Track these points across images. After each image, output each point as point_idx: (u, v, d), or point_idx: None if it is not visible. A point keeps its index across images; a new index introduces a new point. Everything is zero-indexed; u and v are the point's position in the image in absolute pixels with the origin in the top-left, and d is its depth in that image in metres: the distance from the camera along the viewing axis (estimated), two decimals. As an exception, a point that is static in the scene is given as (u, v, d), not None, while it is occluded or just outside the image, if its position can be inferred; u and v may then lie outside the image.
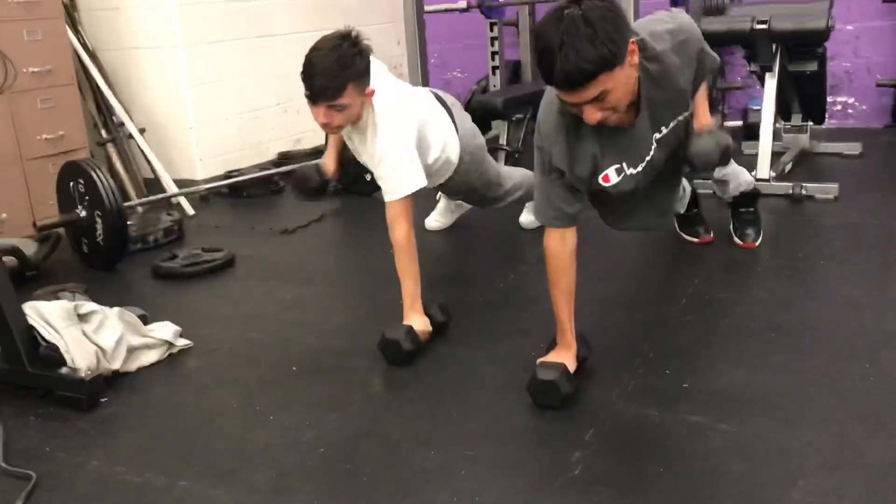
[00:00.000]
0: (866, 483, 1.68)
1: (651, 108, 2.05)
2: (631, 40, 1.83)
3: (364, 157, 2.68)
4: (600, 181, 2.13)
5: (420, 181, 2.52)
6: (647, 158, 2.15)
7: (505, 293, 2.89)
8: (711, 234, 3.14)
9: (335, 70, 2.29)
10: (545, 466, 1.83)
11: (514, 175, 3.28)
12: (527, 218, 3.50)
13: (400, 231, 2.48)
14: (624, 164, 2.13)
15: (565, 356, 2.13)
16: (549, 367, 2.07)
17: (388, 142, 2.47)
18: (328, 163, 2.92)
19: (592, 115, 1.86)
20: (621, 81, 1.83)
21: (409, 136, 2.54)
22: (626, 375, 2.19)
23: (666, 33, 2.07)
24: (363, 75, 2.37)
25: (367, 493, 1.78)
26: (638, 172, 2.16)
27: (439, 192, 3.44)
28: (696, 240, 3.15)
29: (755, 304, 2.58)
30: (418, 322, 2.41)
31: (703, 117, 2.32)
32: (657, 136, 2.13)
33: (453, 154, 2.85)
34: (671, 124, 2.15)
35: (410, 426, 2.04)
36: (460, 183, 3.00)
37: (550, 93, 2.03)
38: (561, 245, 2.14)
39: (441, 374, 2.32)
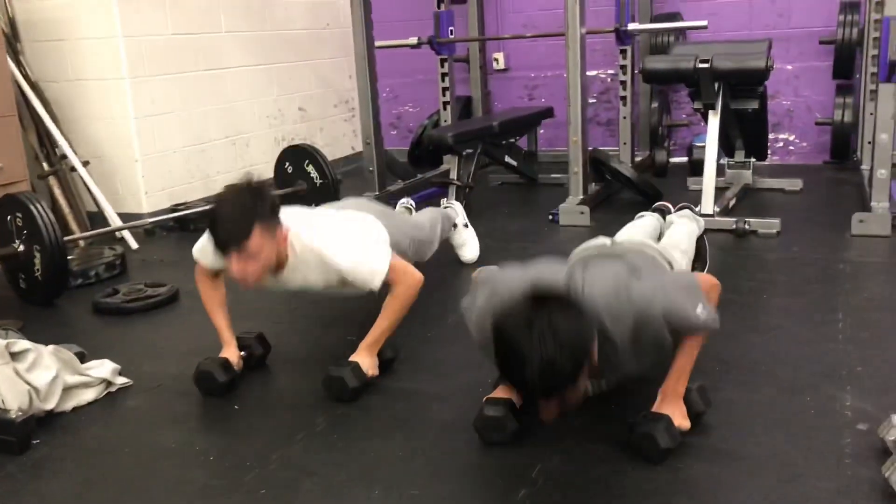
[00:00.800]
0: (809, 517, 1.69)
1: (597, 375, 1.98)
2: (593, 338, 1.81)
3: (295, 284, 2.46)
4: None
5: (386, 252, 2.44)
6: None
7: (453, 328, 2.87)
8: None
9: (238, 214, 2.16)
10: (491, 505, 1.80)
11: (424, 222, 3.23)
12: (464, 252, 3.52)
13: (412, 279, 2.44)
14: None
15: (510, 391, 2.11)
16: (495, 403, 2.05)
17: (335, 248, 2.36)
18: (230, 354, 2.50)
19: (549, 413, 1.82)
20: (582, 383, 1.81)
21: (356, 237, 2.48)
22: (576, 412, 2.18)
23: (628, 315, 1.91)
24: (269, 217, 2.22)
25: (308, 535, 1.73)
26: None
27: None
28: None
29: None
30: (367, 361, 2.38)
31: (670, 393, 2.01)
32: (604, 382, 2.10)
33: (386, 240, 2.68)
34: (616, 379, 2.10)
35: (355, 465, 2.00)
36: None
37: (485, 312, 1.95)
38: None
39: (388, 411, 2.28)
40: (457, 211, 3.57)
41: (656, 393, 2.03)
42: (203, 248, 2.49)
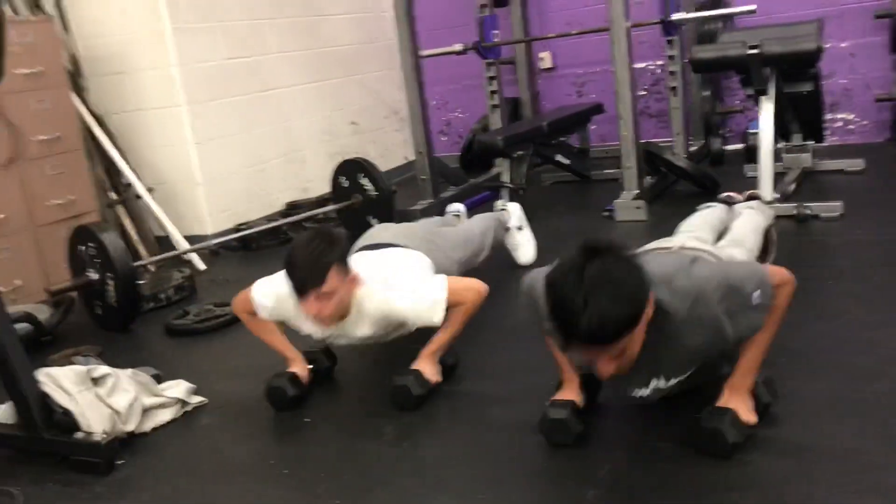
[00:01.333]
0: (884, 506, 1.66)
1: (648, 361, 1.87)
2: (650, 292, 1.75)
3: (356, 336, 2.51)
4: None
5: (440, 281, 2.48)
6: (641, 395, 1.99)
7: (512, 331, 2.89)
8: None
9: (314, 257, 2.27)
10: (560, 506, 1.82)
11: (474, 235, 3.24)
12: (520, 254, 3.53)
13: (474, 294, 2.49)
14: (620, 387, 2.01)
15: (572, 392, 2.13)
16: (559, 405, 2.07)
17: (391, 294, 2.42)
18: (298, 368, 2.57)
19: (606, 369, 1.75)
20: (638, 334, 1.75)
21: (396, 274, 2.53)
22: (637, 409, 2.19)
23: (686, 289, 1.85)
24: (342, 259, 2.33)
25: (383, 543, 1.77)
26: (634, 396, 2.01)
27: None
28: None
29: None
30: (429, 369, 2.43)
31: (736, 386, 1.97)
32: (655, 382, 1.96)
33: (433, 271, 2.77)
34: (673, 380, 1.96)
35: (424, 473, 2.04)
36: None
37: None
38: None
39: (453, 417, 2.32)
40: (511, 213, 3.58)
41: (721, 390, 2.01)
42: (265, 297, 2.54)
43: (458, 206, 3.74)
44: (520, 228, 3.58)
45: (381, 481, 2.03)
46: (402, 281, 2.49)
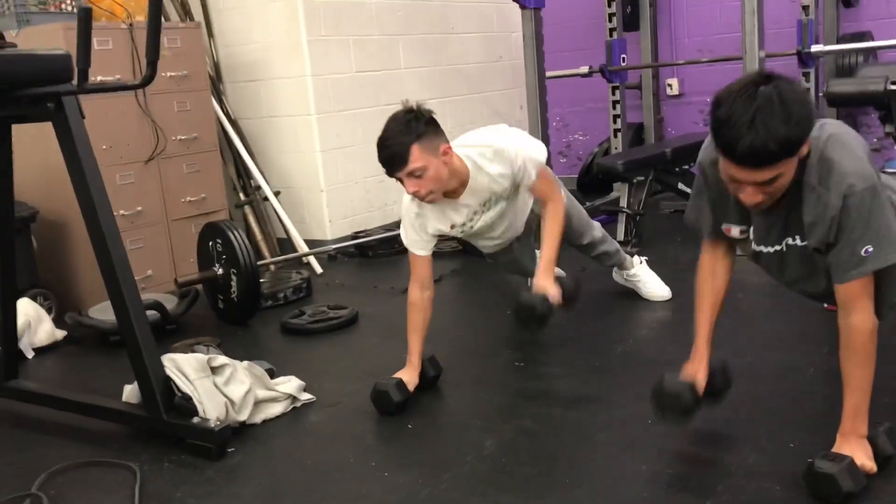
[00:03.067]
0: None
1: (789, 210, 1.88)
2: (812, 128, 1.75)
3: (476, 206, 2.70)
4: (723, 230, 2.05)
5: (540, 145, 2.70)
6: (776, 249, 1.99)
7: (622, 358, 2.86)
8: None
9: (396, 137, 2.41)
10: (658, 538, 1.79)
11: (595, 226, 3.26)
12: (658, 291, 3.41)
13: (560, 196, 2.72)
14: (750, 230, 2.01)
15: (696, 371, 2.10)
16: (677, 381, 2.07)
17: (500, 137, 2.62)
18: (410, 378, 2.59)
19: (754, 197, 1.77)
20: (790, 170, 1.75)
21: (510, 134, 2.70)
22: (748, 445, 2.12)
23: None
24: (426, 134, 2.44)
25: (476, 554, 1.79)
26: (768, 252, 2.01)
27: None
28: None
29: (888, 376, 2.43)
30: (549, 286, 2.52)
31: (849, 432, 1.89)
32: (789, 240, 1.95)
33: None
34: (809, 243, 1.90)
35: (522, 490, 2.04)
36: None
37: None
38: (713, 247, 2.13)
39: (554, 438, 2.31)
40: (636, 262, 3.44)
41: (834, 432, 1.93)
42: (405, 232, 2.72)
43: None
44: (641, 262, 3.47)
45: (478, 493, 2.04)
46: (510, 131, 2.68)
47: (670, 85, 5.93)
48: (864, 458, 1.86)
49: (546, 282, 2.54)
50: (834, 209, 1.78)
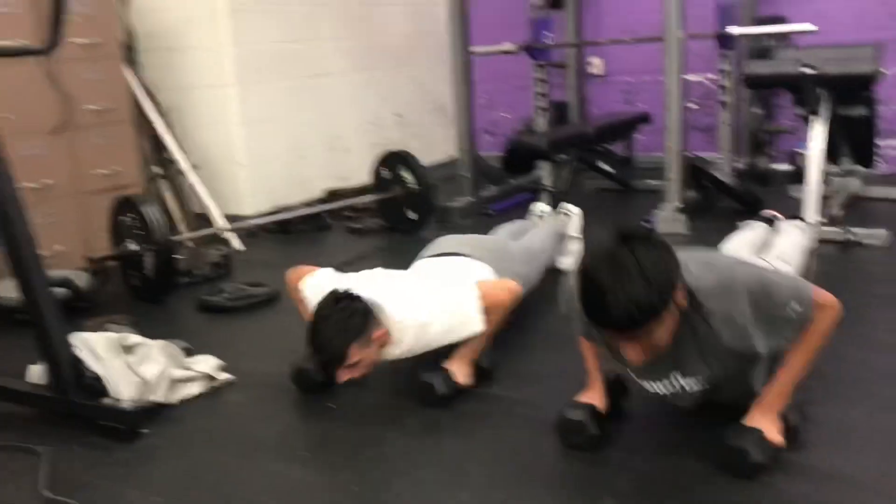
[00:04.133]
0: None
1: (670, 353, 1.86)
2: (680, 284, 1.74)
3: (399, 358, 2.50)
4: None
5: (473, 292, 2.43)
6: (669, 392, 1.98)
7: (546, 336, 2.88)
8: None
9: (333, 339, 2.25)
10: (577, 512, 1.81)
11: (535, 244, 3.23)
12: (565, 261, 3.49)
13: (508, 296, 2.50)
14: (633, 374, 2.00)
15: (596, 397, 2.12)
16: (578, 407, 2.06)
17: (425, 321, 2.39)
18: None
19: (637, 356, 1.76)
20: (667, 323, 1.74)
21: (428, 296, 2.47)
22: (662, 421, 2.17)
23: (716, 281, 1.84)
24: (363, 331, 2.27)
25: (397, 532, 1.78)
26: (656, 390, 2.00)
27: None
28: None
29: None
30: (461, 371, 2.42)
31: (765, 406, 1.95)
32: (675, 377, 1.95)
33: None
34: (691, 380, 1.93)
35: (444, 468, 2.04)
36: None
37: None
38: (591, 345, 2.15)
39: (478, 416, 2.32)
40: (573, 219, 3.51)
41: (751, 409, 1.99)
42: (315, 294, 2.47)
43: (543, 207, 3.73)
44: (576, 238, 3.53)
45: (401, 472, 2.03)
46: (431, 302, 2.42)
47: (594, 64, 5.99)
48: (774, 433, 1.92)
49: (458, 364, 2.43)
50: (746, 316, 1.80)
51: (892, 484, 1.82)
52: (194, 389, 2.54)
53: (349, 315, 2.28)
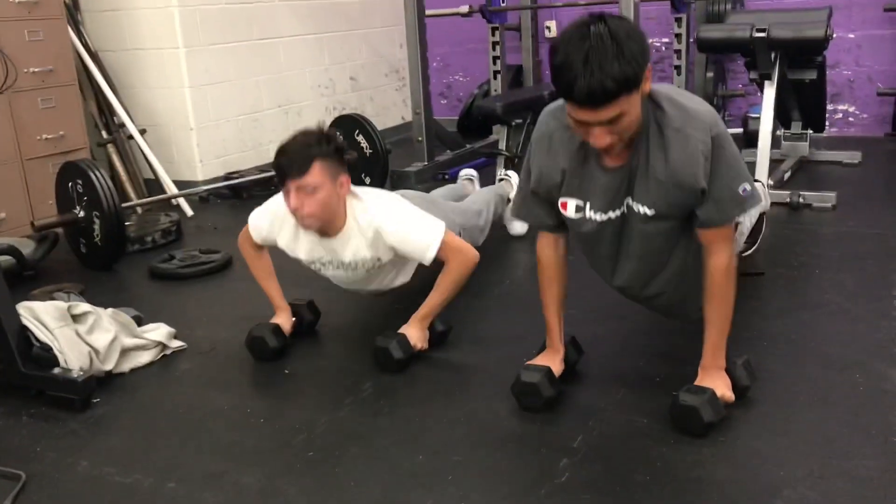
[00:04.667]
0: (852, 493, 1.68)
1: (636, 159, 1.88)
2: (649, 65, 1.76)
3: (344, 258, 2.46)
4: (559, 206, 2.04)
5: (439, 225, 2.40)
6: (613, 216, 1.99)
7: (499, 299, 2.90)
8: None
9: (301, 147, 2.25)
10: (532, 473, 1.83)
11: (476, 203, 3.24)
12: (515, 226, 3.51)
13: (468, 255, 2.43)
14: (587, 204, 1.99)
15: (551, 359, 2.14)
16: (533, 369, 2.08)
17: (389, 215, 2.38)
18: (283, 322, 2.55)
19: (602, 138, 1.77)
20: (634, 106, 1.76)
21: (402, 204, 2.46)
22: (617, 383, 2.20)
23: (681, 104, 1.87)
24: (332, 157, 2.28)
25: (354, 496, 1.78)
26: (602, 222, 2.00)
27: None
28: None
29: (748, 312, 2.58)
30: (416, 334, 2.41)
31: (710, 366, 1.99)
32: (629, 201, 1.95)
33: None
34: (649, 210, 1.93)
35: (399, 431, 2.05)
36: None
37: (556, 104, 1.99)
38: (552, 252, 2.14)
39: (433, 380, 2.32)
40: (512, 183, 3.55)
41: (695, 367, 2.02)
42: (259, 217, 2.55)
43: (470, 172, 3.72)
44: None
45: (356, 436, 2.03)
46: (403, 210, 2.42)
47: (549, 27, 5.96)
48: (724, 390, 1.96)
49: (414, 328, 2.40)
50: (706, 146, 1.83)
51: (832, 439, 1.88)
52: (146, 358, 2.51)
53: (326, 139, 2.29)
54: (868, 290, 2.74)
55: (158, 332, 2.57)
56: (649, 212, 1.93)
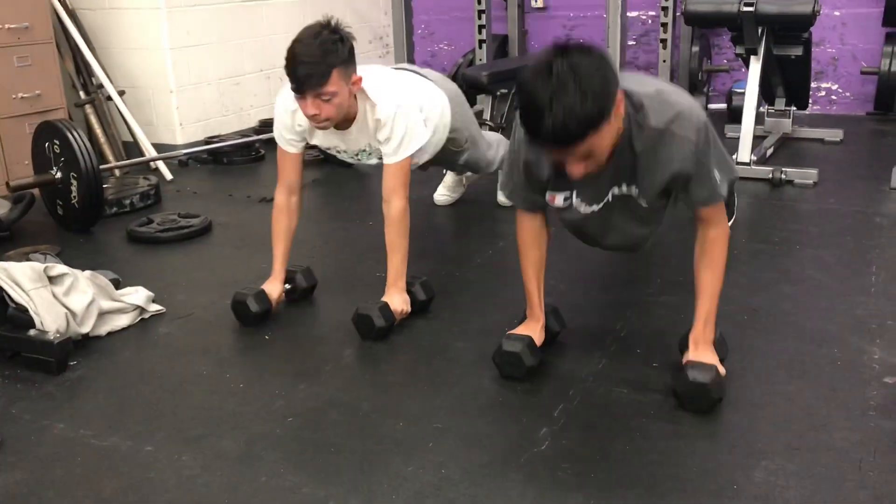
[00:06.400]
0: (828, 465, 1.70)
1: (621, 159, 1.88)
2: (619, 90, 1.73)
3: (357, 147, 2.55)
4: (547, 199, 2.04)
5: (423, 137, 2.48)
6: (600, 206, 2.01)
7: (482, 268, 2.89)
8: None
9: (318, 56, 2.22)
10: (512, 441, 1.83)
11: (491, 137, 3.28)
12: (504, 195, 3.49)
13: (397, 204, 2.44)
14: (574, 194, 2.01)
15: (533, 329, 2.14)
16: (515, 338, 2.08)
17: (390, 103, 2.41)
18: (272, 289, 2.53)
19: (576, 169, 1.76)
20: (606, 137, 1.73)
21: (411, 98, 2.52)
22: (597, 353, 2.20)
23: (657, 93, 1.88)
24: (347, 61, 2.29)
25: (333, 462, 1.78)
26: (592, 212, 2.03)
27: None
28: None
29: (730, 287, 2.55)
30: (397, 300, 2.40)
31: (701, 340, 1.99)
32: (615, 190, 1.98)
33: (447, 122, 2.81)
34: (638, 195, 1.97)
35: (380, 398, 2.04)
36: (455, 152, 2.97)
37: None
38: (531, 219, 2.13)
39: (414, 348, 2.31)
40: None
41: (677, 336, 2.03)
42: (279, 122, 2.52)
43: None
44: None
45: (337, 402, 2.02)
46: (400, 122, 2.41)
47: (535, -3, 5.91)
48: (718, 364, 1.96)
49: (394, 294, 2.40)
50: (693, 144, 1.84)
51: (810, 412, 1.89)
52: (124, 321, 2.48)
53: (339, 40, 2.27)
54: (847, 266, 2.76)
55: (137, 295, 2.54)
56: (638, 196, 1.97)
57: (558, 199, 2.03)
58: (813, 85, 5.04)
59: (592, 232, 2.14)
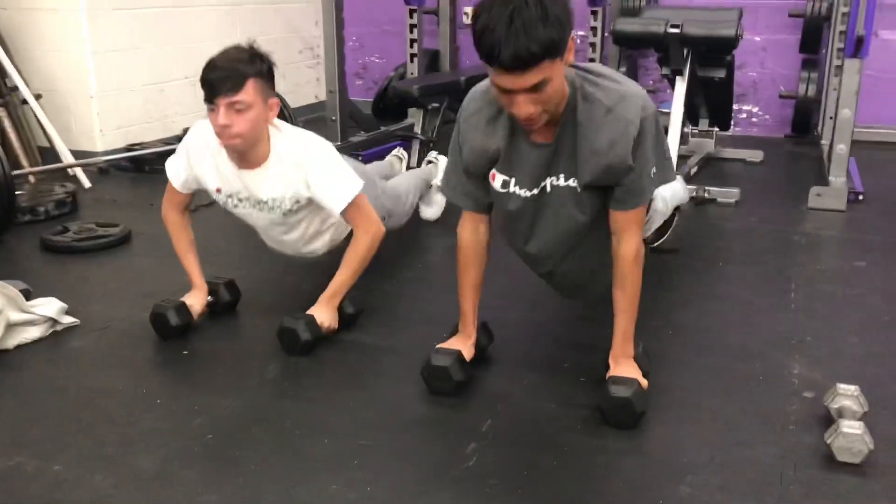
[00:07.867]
0: (751, 479, 1.72)
1: (563, 135, 1.88)
2: (572, 34, 1.72)
3: (263, 194, 2.37)
4: (489, 179, 2.02)
5: (359, 182, 2.37)
6: (536, 192, 1.98)
7: (411, 282, 2.86)
8: None
9: (235, 62, 2.16)
10: (440, 457, 1.80)
11: (401, 186, 3.18)
12: (428, 211, 3.47)
13: (377, 227, 2.40)
14: (513, 180, 1.98)
15: (463, 343, 2.12)
16: (444, 353, 2.05)
17: (315, 142, 2.35)
18: (195, 301, 2.44)
19: (525, 107, 1.73)
20: (558, 75, 1.73)
21: (330, 149, 2.41)
22: (525, 368, 2.19)
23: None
24: (266, 77, 2.22)
25: (254, 481, 1.71)
26: (525, 199, 1.99)
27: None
28: None
29: (656, 302, 2.61)
30: (324, 314, 2.34)
31: (621, 356, 2.01)
32: (553, 180, 1.95)
33: None
34: (574, 184, 1.93)
35: (305, 414, 1.98)
36: None
37: (484, 84, 1.94)
38: (474, 236, 2.11)
39: (341, 363, 2.26)
40: (440, 167, 3.49)
41: (605, 351, 2.04)
42: (175, 159, 2.43)
43: (400, 150, 3.71)
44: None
45: (259, 418, 1.96)
46: (329, 153, 2.36)
47: (467, 13, 5.93)
48: (639, 378, 1.96)
49: (323, 308, 2.34)
50: (635, 128, 1.83)
51: (733, 426, 1.92)
52: (34, 333, 2.36)
53: (260, 57, 2.22)
54: (768, 283, 2.83)
55: (49, 306, 2.42)
56: (574, 185, 1.93)
57: (498, 180, 1.99)
58: (735, 107, 5.18)
59: (526, 226, 2.07)
